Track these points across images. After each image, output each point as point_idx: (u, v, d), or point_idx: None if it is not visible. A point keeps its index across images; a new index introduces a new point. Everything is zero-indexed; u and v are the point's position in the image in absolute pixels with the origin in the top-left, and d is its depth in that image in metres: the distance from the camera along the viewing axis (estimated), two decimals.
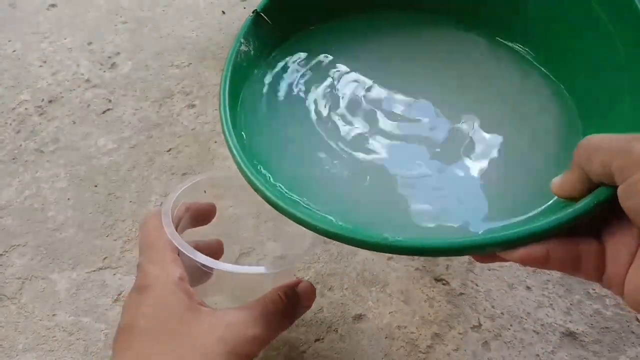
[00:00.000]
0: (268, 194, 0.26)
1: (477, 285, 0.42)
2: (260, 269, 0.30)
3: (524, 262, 0.22)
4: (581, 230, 0.22)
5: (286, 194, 0.29)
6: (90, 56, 0.60)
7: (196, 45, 0.61)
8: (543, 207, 0.28)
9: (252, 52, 0.33)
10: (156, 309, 0.28)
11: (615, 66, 0.29)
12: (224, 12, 0.64)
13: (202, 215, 0.36)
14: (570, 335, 0.40)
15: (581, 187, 0.23)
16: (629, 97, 0.28)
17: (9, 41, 0.61)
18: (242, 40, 0.32)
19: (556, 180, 0.24)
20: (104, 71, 0.58)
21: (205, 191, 0.35)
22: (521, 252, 0.22)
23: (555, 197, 0.27)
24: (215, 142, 0.52)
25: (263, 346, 0.29)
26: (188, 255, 0.30)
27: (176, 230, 0.31)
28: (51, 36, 0.62)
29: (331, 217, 0.28)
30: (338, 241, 0.25)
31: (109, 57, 0.60)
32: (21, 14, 0.64)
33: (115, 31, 0.62)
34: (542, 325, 0.41)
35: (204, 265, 0.30)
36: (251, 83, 0.34)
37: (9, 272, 0.44)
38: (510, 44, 0.36)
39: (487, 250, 0.23)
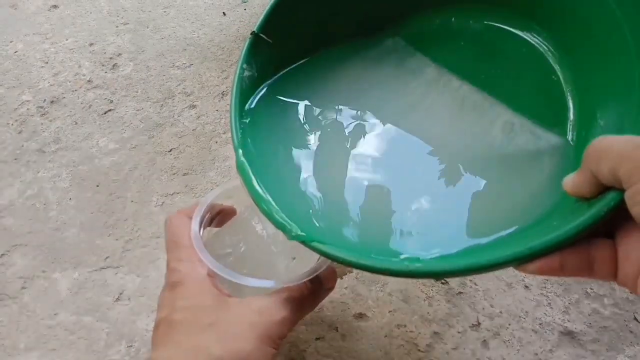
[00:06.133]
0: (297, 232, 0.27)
1: (475, 284, 0.43)
2: (270, 283, 0.32)
3: (540, 273, 0.23)
4: (591, 233, 0.23)
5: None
6: (92, 57, 0.60)
7: (197, 46, 0.61)
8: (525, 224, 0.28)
9: (256, 74, 0.33)
10: (190, 303, 0.30)
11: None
12: (224, 14, 0.65)
13: (225, 218, 0.38)
14: (569, 334, 0.40)
15: (591, 188, 0.23)
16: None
17: (11, 42, 0.61)
18: (244, 65, 0.33)
19: (568, 180, 0.24)
20: (106, 72, 0.58)
21: (222, 204, 0.37)
22: (536, 264, 0.23)
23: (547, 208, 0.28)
24: (216, 142, 0.52)
25: (291, 327, 0.31)
26: (218, 273, 0.32)
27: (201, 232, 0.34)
28: (53, 37, 0.62)
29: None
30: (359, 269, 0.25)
31: (111, 58, 0.60)
32: (23, 15, 0.65)
33: (116, 32, 0.63)
34: (540, 324, 0.41)
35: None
36: (258, 104, 0.34)
37: (10, 271, 0.44)
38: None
39: (503, 267, 0.23)
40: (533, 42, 0.35)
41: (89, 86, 0.57)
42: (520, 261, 0.23)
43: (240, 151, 0.30)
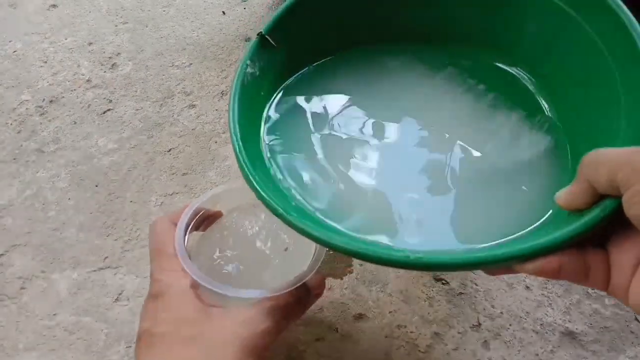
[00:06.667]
0: (297, 222, 0.26)
1: (476, 284, 0.43)
2: (254, 293, 0.31)
3: (538, 273, 0.23)
4: (587, 241, 0.23)
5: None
6: (91, 56, 0.60)
7: (197, 45, 0.61)
8: (534, 225, 0.29)
9: (257, 73, 0.34)
10: (172, 314, 0.30)
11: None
12: (224, 13, 0.65)
13: (212, 223, 0.38)
14: (570, 334, 0.40)
15: (586, 199, 0.23)
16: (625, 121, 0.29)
17: (10, 41, 0.61)
18: (248, 62, 0.33)
19: (561, 192, 0.25)
20: (105, 71, 0.58)
21: (208, 210, 0.37)
22: (535, 264, 0.23)
23: (546, 216, 0.29)
24: (216, 142, 0.52)
25: (275, 337, 0.31)
26: (201, 284, 0.31)
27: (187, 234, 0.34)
28: (52, 36, 0.62)
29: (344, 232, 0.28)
30: (359, 259, 0.25)
31: (110, 58, 0.60)
32: (22, 14, 0.64)
33: (115, 31, 0.62)
34: (541, 324, 0.41)
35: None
36: (257, 102, 0.35)
37: (9, 271, 0.44)
38: (508, 68, 0.37)
39: (505, 264, 0.24)
40: (519, 76, 0.36)
41: (88, 86, 0.57)
42: (520, 258, 0.23)
43: (238, 132, 0.30)
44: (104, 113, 0.54)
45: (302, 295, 0.33)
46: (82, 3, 0.66)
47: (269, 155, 0.33)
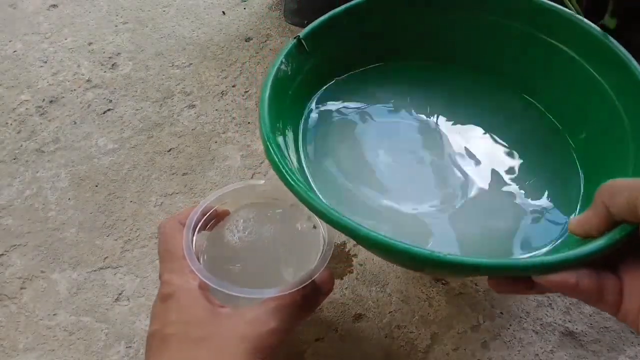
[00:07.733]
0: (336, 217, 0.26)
1: (476, 284, 0.43)
2: (261, 293, 0.31)
3: (556, 287, 0.24)
4: (599, 266, 0.24)
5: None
6: (91, 56, 0.60)
7: (196, 45, 0.61)
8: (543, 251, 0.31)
9: (289, 72, 0.35)
10: (181, 316, 0.30)
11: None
12: (224, 13, 0.65)
13: (217, 220, 0.38)
14: (570, 334, 0.40)
15: (600, 224, 0.24)
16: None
17: (10, 41, 0.61)
18: (282, 59, 0.34)
19: (576, 219, 0.26)
20: (105, 71, 0.58)
21: (216, 209, 0.37)
22: (555, 277, 0.24)
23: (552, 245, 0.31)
24: (216, 142, 0.52)
25: (284, 337, 0.31)
26: (210, 285, 0.32)
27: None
28: (52, 36, 0.62)
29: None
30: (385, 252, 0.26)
31: (110, 58, 0.60)
32: (22, 15, 0.64)
33: (115, 31, 0.62)
34: (541, 324, 0.41)
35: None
36: (284, 98, 0.36)
37: (9, 271, 0.44)
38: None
39: (527, 273, 0.24)
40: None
41: (88, 86, 0.57)
42: (542, 268, 0.24)
43: (267, 117, 0.31)
44: (104, 113, 0.54)
45: (311, 292, 0.33)
46: (82, 3, 0.66)
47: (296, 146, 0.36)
